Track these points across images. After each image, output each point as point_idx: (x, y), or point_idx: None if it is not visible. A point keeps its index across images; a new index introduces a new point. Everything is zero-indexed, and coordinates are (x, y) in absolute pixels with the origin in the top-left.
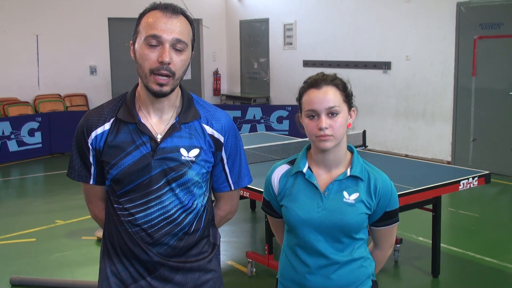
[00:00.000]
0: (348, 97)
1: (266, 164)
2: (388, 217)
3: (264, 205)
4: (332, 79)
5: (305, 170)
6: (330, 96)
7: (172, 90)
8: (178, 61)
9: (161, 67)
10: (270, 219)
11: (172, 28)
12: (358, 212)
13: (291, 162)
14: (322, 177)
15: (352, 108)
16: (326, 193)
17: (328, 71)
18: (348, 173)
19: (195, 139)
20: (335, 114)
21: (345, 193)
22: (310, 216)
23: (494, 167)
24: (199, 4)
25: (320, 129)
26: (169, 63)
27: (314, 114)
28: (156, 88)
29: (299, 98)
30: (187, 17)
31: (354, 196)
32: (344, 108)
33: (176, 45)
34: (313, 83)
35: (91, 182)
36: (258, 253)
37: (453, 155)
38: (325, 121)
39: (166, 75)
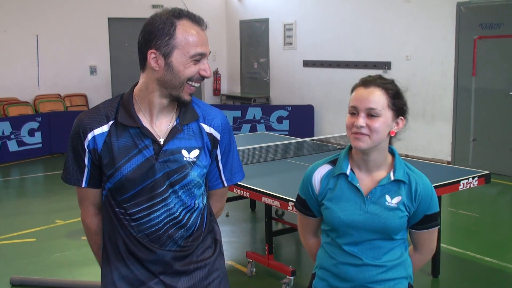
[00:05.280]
0: (396, 105)
1: (266, 164)
2: (428, 221)
3: (298, 203)
4: (384, 82)
5: (348, 172)
6: (374, 97)
7: None
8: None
9: (201, 78)
10: (301, 218)
11: (207, 42)
12: (399, 216)
13: (333, 162)
14: (364, 180)
15: (401, 117)
16: (368, 196)
17: (328, 71)
18: (392, 177)
19: (195, 140)
20: (374, 116)
21: (387, 197)
22: (352, 219)
23: (494, 167)
24: (199, 4)
25: (356, 126)
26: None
27: (354, 112)
28: (188, 98)
29: (351, 95)
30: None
31: (397, 199)
32: (387, 113)
33: (207, 57)
34: (363, 82)
35: (83, 185)
36: (258, 253)
37: (453, 155)
38: (362, 119)
39: (199, 83)
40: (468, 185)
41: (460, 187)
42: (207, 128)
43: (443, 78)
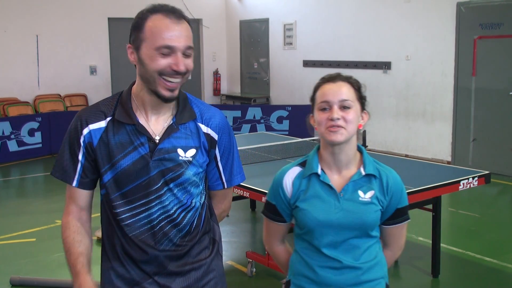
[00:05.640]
0: (361, 98)
1: (266, 164)
2: (399, 215)
3: (266, 209)
4: (348, 77)
5: (319, 171)
6: (344, 90)
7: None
8: (189, 64)
9: (175, 73)
10: (269, 224)
11: (182, 35)
12: (374, 210)
13: (302, 164)
14: (335, 178)
15: (364, 111)
16: (342, 193)
17: (328, 71)
18: (363, 172)
19: (191, 140)
20: (347, 108)
21: (360, 192)
22: (328, 218)
23: (494, 167)
24: (199, 4)
25: (332, 119)
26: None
27: (326, 106)
28: (167, 94)
29: (313, 95)
30: (188, 21)
31: (370, 194)
32: (357, 105)
33: (186, 51)
34: (329, 79)
35: (73, 184)
36: (258, 253)
37: (453, 155)
38: (337, 112)
39: (179, 79)
40: (468, 185)
41: (460, 187)
42: (204, 128)
43: (443, 78)
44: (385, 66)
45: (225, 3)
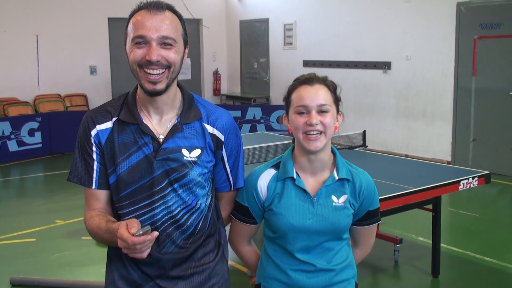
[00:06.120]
0: (337, 100)
1: None
2: (370, 217)
3: (236, 211)
4: (324, 79)
5: (294, 175)
6: (322, 93)
7: (168, 87)
8: (168, 55)
9: (150, 63)
10: (238, 225)
11: (158, 26)
12: (347, 214)
13: (276, 166)
14: (309, 182)
15: (339, 112)
16: (315, 198)
17: (328, 71)
18: (336, 177)
19: (196, 140)
20: (325, 112)
21: (333, 197)
22: (302, 223)
23: (494, 167)
24: (199, 4)
25: (310, 124)
26: (157, 61)
27: (304, 111)
28: (149, 87)
29: (288, 96)
30: (174, 12)
31: (343, 198)
32: (333, 108)
33: (164, 41)
34: (305, 81)
35: (93, 187)
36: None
37: (453, 155)
38: (316, 117)
39: (158, 70)
40: (468, 185)
41: (460, 187)
42: (210, 129)
43: (443, 78)
44: (385, 66)
45: (225, 3)
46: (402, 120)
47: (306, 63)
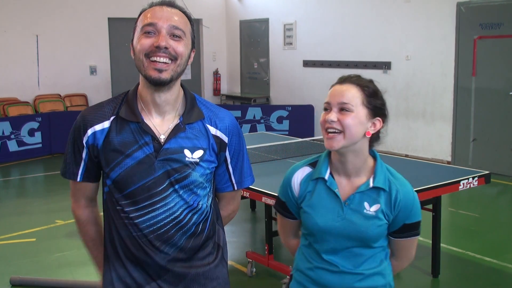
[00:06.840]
0: (371, 103)
1: (266, 164)
2: (407, 230)
3: (278, 205)
4: (359, 80)
5: (326, 176)
6: (347, 93)
7: (172, 79)
8: (177, 46)
9: (158, 50)
10: (281, 219)
11: (169, 16)
12: (378, 224)
13: (313, 165)
14: (343, 185)
15: (378, 118)
16: (347, 202)
17: (328, 71)
18: (371, 184)
19: (199, 140)
20: (346, 111)
21: (366, 204)
22: (329, 225)
23: (494, 167)
24: (199, 4)
25: (327, 121)
26: (166, 48)
27: (327, 108)
28: (154, 74)
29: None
30: (185, 13)
31: (375, 207)
32: (360, 110)
33: (174, 32)
34: (340, 80)
35: (78, 179)
36: (258, 253)
37: (453, 155)
38: (334, 114)
39: (165, 58)
40: (468, 185)
41: (460, 187)
42: (213, 130)
43: (443, 78)
44: (385, 66)
45: (225, 3)
46: (402, 120)
47: (306, 63)
